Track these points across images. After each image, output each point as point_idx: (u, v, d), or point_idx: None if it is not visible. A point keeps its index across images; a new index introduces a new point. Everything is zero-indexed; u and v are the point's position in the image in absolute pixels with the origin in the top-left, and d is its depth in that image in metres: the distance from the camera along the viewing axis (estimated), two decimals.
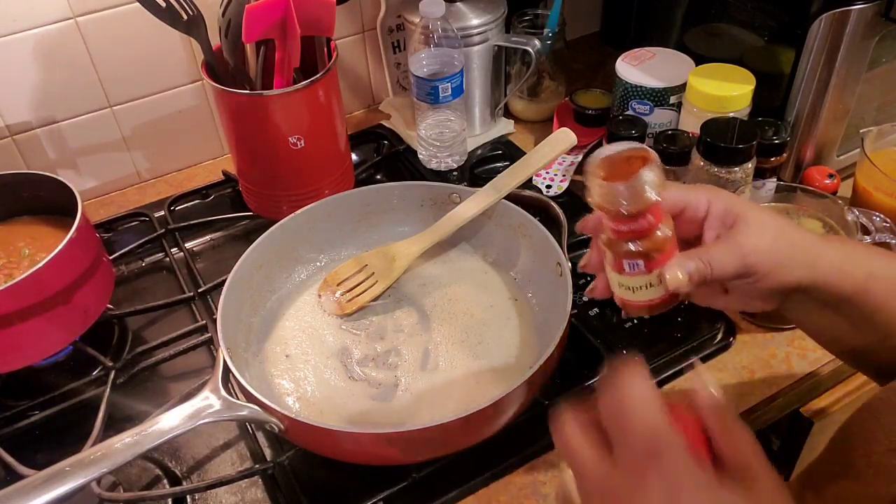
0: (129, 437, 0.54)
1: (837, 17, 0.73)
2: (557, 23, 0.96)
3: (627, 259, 0.47)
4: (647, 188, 0.43)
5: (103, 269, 0.74)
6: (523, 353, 0.69)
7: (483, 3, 0.91)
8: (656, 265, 0.46)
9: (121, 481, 0.64)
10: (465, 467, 0.62)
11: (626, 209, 0.44)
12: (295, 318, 0.74)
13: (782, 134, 0.76)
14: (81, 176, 0.94)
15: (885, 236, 0.69)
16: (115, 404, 0.71)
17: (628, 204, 0.44)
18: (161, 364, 0.75)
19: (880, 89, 0.82)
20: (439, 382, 0.67)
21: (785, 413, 0.71)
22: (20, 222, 0.77)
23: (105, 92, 0.90)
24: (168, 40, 0.89)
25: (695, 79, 0.80)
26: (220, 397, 0.58)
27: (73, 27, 0.83)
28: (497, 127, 1.02)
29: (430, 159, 0.95)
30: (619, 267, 0.47)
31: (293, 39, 0.75)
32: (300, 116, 0.79)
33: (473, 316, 0.73)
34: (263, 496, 0.63)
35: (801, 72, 0.78)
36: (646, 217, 0.45)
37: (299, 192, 0.83)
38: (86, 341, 0.74)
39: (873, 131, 0.78)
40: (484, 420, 0.58)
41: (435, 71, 0.85)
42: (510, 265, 0.77)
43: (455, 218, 0.75)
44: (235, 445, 0.67)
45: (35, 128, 0.88)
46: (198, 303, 0.80)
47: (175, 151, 0.99)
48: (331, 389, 0.67)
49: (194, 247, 0.89)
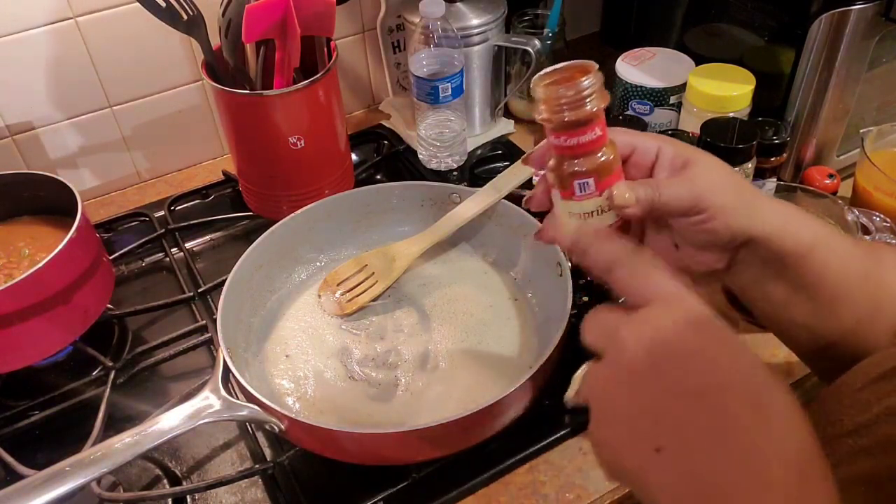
0: (129, 437, 0.54)
1: (837, 17, 0.73)
2: (557, 23, 0.96)
3: (577, 179, 0.46)
4: (588, 92, 0.44)
5: (103, 269, 0.74)
6: (523, 353, 0.69)
7: (483, 3, 0.91)
8: (606, 186, 0.46)
9: (121, 481, 0.64)
10: (465, 467, 0.62)
11: (570, 116, 0.44)
12: (295, 318, 0.74)
13: (782, 134, 0.77)
14: (81, 176, 0.94)
15: (885, 236, 0.69)
16: (115, 404, 0.71)
17: (571, 110, 0.44)
18: (161, 364, 0.75)
19: (880, 89, 0.82)
20: (439, 382, 0.67)
21: None
22: (20, 222, 0.77)
23: (105, 92, 0.90)
24: (168, 40, 0.89)
25: (695, 79, 0.80)
26: (220, 397, 0.58)
27: (73, 27, 0.83)
28: (497, 127, 1.02)
29: (430, 159, 0.95)
30: (569, 191, 0.47)
31: (293, 39, 0.75)
32: (300, 116, 0.79)
33: (473, 316, 0.73)
34: (263, 496, 0.63)
35: (801, 72, 0.78)
36: (592, 129, 0.45)
37: (299, 192, 0.83)
38: (86, 341, 0.74)
39: (873, 131, 0.78)
40: (484, 420, 0.58)
41: (435, 71, 0.85)
42: (510, 265, 0.77)
43: (455, 218, 0.75)
44: (235, 445, 0.67)
45: (35, 128, 0.88)
46: (198, 303, 0.80)
47: (175, 151, 0.99)
48: (331, 389, 0.67)
49: (194, 247, 0.89)
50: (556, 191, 0.48)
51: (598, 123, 0.45)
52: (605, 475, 0.41)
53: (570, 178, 0.46)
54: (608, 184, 0.46)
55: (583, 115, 0.44)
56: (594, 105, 0.44)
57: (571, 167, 0.46)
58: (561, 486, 0.61)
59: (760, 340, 0.72)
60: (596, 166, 0.45)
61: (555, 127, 0.45)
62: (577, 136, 0.45)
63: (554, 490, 0.61)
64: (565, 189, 0.47)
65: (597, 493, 0.61)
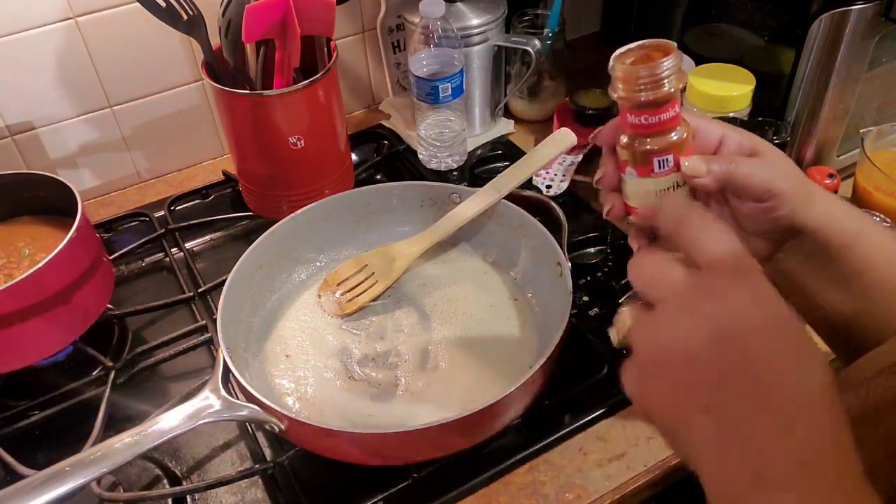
0: (129, 437, 0.54)
1: (837, 17, 0.73)
2: (557, 23, 0.97)
3: (657, 156, 0.46)
4: (667, 73, 0.44)
5: (103, 269, 0.74)
6: (523, 353, 0.69)
7: (483, 3, 0.91)
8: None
9: (121, 481, 0.64)
10: (465, 467, 0.62)
11: (648, 96, 0.44)
12: (295, 318, 0.74)
13: (782, 134, 0.77)
14: (81, 176, 0.94)
15: None
16: (115, 404, 0.71)
17: (650, 90, 0.44)
18: (161, 364, 0.75)
19: (880, 89, 0.82)
20: (439, 382, 0.67)
21: None
22: (20, 222, 0.77)
23: (105, 92, 0.90)
24: (168, 40, 0.89)
25: (695, 79, 0.80)
26: (220, 397, 0.58)
27: (73, 27, 0.83)
28: (497, 127, 1.02)
29: (430, 159, 0.95)
30: (648, 168, 0.47)
31: (293, 39, 0.75)
32: (300, 116, 0.79)
33: (473, 316, 0.73)
34: (263, 496, 0.63)
35: (801, 72, 0.78)
36: (671, 107, 0.45)
37: (299, 192, 0.83)
38: (86, 341, 0.74)
39: (873, 131, 0.78)
40: (484, 420, 0.58)
41: (435, 71, 0.85)
42: (510, 265, 0.77)
43: (455, 218, 0.75)
44: (235, 445, 0.67)
45: (35, 128, 0.88)
46: (198, 303, 0.80)
47: (175, 151, 0.99)
48: (331, 389, 0.67)
49: (194, 247, 0.89)
50: (631, 168, 0.48)
51: (676, 102, 0.45)
52: (640, 418, 0.42)
53: (649, 155, 0.46)
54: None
55: (661, 96, 0.44)
56: (672, 85, 0.44)
57: (648, 145, 0.46)
58: (561, 486, 0.61)
59: None
60: (673, 143, 0.46)
61: (633, 106, 0.45)
62: (656, 115, 0.45)
63: (554, 490, 0.61)
64: (644, 166, 0.47)
65: (597, 493, 0.61)
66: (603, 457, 0.63)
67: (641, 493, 0.63)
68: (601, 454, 0.63)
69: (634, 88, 0.45)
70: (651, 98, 0.44)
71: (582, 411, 0.66)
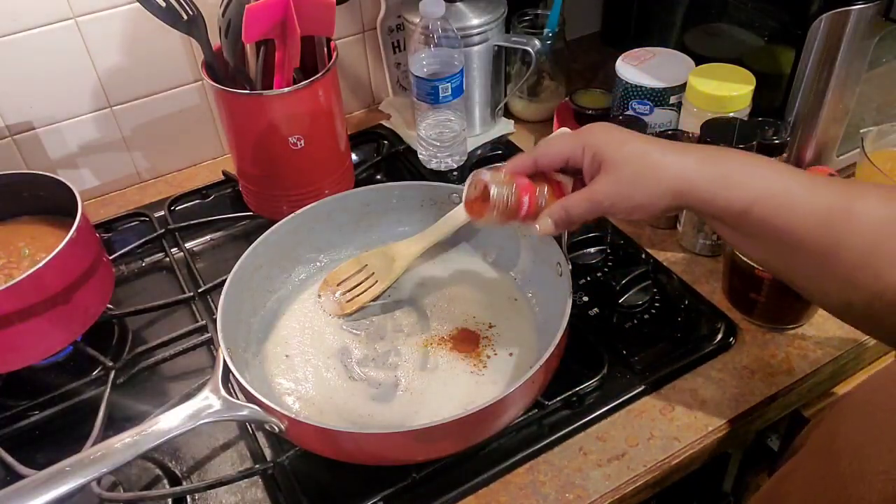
0: (129, 437, 0.54)
1: (837, 17, 0.73)
2: (557, 23, 0.97)
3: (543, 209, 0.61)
4: (502, 203, 0.58)
5: (103, 269, 0.74)
6: (523, 353, 0.69)
7: (483, 3, 0.91)
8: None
9: (121, 481, 0.64)
10: (465, 467, 0.62)
11: (502, 219, 0.59)
12: (295, 318, 0.74)
13: (782, 134, 0.76)
14: (81, 176, 0.94)
15: None
16: (115, 404, 0.71)
17: (499, 221, 0.60)
18: (161, 364, 0.75)
19: (880, 89, 0.82)
20: (439, 382, 0.67)
21: (785, 413, 0.71)
22: (20, 222, 0.77)
23: (105, 92, 0.90)
24: (168, 40, 0.89)
25: (695, 79, 0.80)
26: (220, 397, 0.58)
27: (73, 27, 0.83)
28: (497, 127, 1.02)
29: (430, 159, 0.95)
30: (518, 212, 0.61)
31: (293, 39, 0.75)
32: (300, 116, 0.79)
33: (473, 316, 0.73)
34: (263, 496, 0.63)
35: (801, 72, 0.78)
36: (522, 207, 0.59)
37: (299, 192, 0.84)
38: (86, 341, 0.74)
39: (873, 131, 0.78)
40: (484, 420, 0.58)
41: (435, 71, 0.85)
42: (510, 265, 0.77)
43: (455, 218, 0.75)
44: (235, 445, 0.67)
45: (35, 128, 0.88)
46: (198, 303, 0.80)
47: (175, 151, 0.99)
48: (331, 389, 0.67)
49: (194, 247, 0.89)
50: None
51: (524, 197, 0.58)
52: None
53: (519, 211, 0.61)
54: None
55: (509, 213, 0.59)
56: (511, 201, 0.58)
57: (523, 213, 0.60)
58: (561, 486, 0.61)
59: (760, 340, 0.72)
60: (545, 202, 0.60)
61: (502, 223, 0.60)
62: (517, 218, 0.60)
63: (554, 490, 0.61)
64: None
65: (596, 493, 0.61)
66: (603, 457, 0.63)
67: (641, 493, 0.63)
68: (601, 454, 0.63)
69: (493, 222, 0.60)
70: (502, 221, 0.60)
71: (582, 411, 0.66)
